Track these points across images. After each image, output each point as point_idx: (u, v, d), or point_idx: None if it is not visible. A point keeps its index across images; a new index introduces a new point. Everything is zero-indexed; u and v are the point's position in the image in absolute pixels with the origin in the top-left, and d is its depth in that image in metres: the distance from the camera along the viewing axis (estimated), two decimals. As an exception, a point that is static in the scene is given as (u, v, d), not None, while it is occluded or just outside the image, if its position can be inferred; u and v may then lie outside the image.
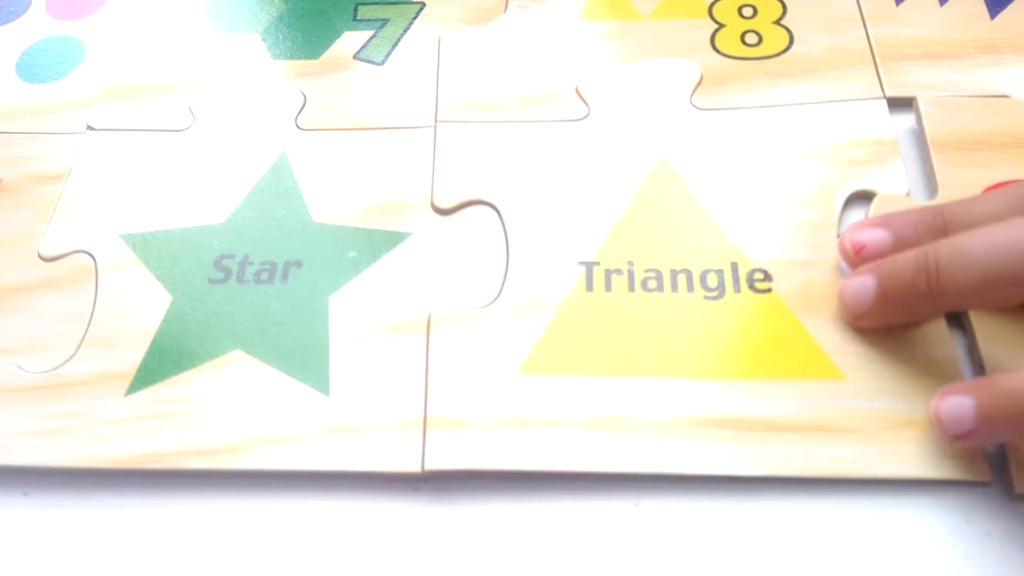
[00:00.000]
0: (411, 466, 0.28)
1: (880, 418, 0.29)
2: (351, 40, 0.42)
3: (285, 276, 0.34)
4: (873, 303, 0.29)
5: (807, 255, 0.33)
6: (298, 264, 0.34)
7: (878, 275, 0.29)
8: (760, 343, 0.31)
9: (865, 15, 0.40)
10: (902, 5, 0.40)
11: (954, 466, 0.28)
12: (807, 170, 0.35)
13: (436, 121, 0.38)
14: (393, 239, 0.34)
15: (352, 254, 0.34)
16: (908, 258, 0.29)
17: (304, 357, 0.31)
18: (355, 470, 0.29)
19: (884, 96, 0.37)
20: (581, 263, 0.33)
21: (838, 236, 0.33)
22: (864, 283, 0.29)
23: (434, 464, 0.28)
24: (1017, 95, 0.36)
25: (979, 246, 0.27)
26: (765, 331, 0.31)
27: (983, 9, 0.40)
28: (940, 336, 0.30)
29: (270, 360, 0.31)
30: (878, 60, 0.38)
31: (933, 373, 0.29)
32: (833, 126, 0.36)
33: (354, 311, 0.33)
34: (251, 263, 0.34)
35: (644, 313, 0.32)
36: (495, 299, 0.32)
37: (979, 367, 0.29)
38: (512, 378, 0.30)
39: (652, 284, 0.32)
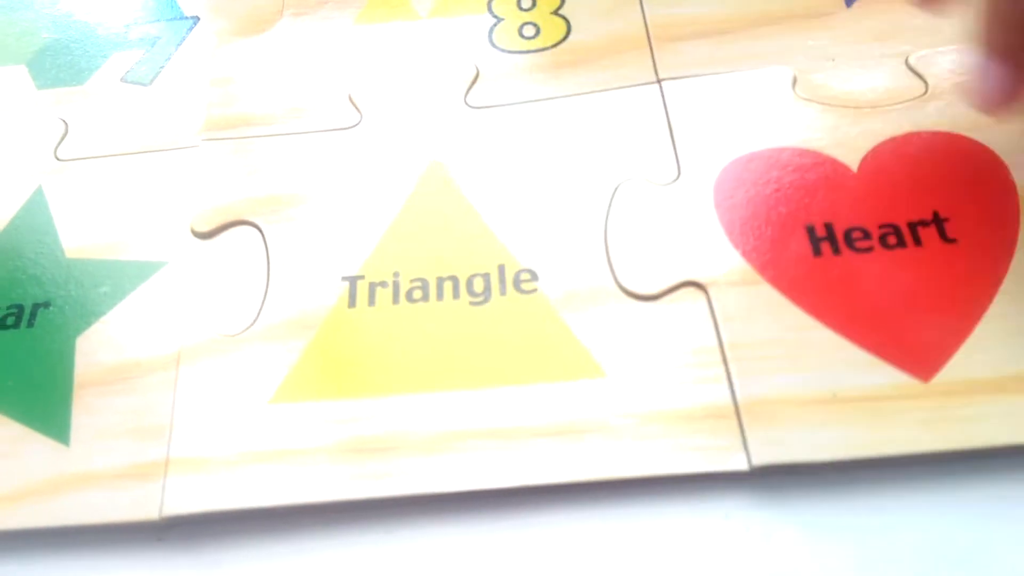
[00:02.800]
0: (149, 514, 0.26)
1: (638, 415, 0.28)
2: (120, 62, 0.40)
3: (32, 319, 0.31)
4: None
5: (573, 250, 0.32)
6: (47, 305, 0.32)
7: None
8: (523, 346, 0.29)
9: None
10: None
11: (710, 459, 0.27)
12: (579, 162, 0.34)
13: (200, 140, 0.36)
14: (146, 270, 0.32)
15: (104, 289, 0.32)
16: None
17: (45, 406, 0.29)
18: (92, 523, 0.27)
19: (658, 80, 0.36)
20: (344, 278, 0.32)
21: (606, 228, 0.32)
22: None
23: (172, 509, 0.27)
24: (798, 66, 0.36)
25: None
26: (529, 333, 0.30)
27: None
28: (700, 325, 0.29)
29: (9, 412, 0.29)
30: (653, 44, 0.37)
31: (692, 364, 0.28)
32: (607, 115, 0.35)
33: (102, 351, 0.30)
34: (-3, 309, 0.31)
35: (409, 326, 0.30)
36: (250, 325, 0.30)
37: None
38: (262, 409, 0.28)
39: (418, 294, 0.31)
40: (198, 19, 0.41)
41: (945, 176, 0.31)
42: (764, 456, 0.26)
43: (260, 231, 0.33)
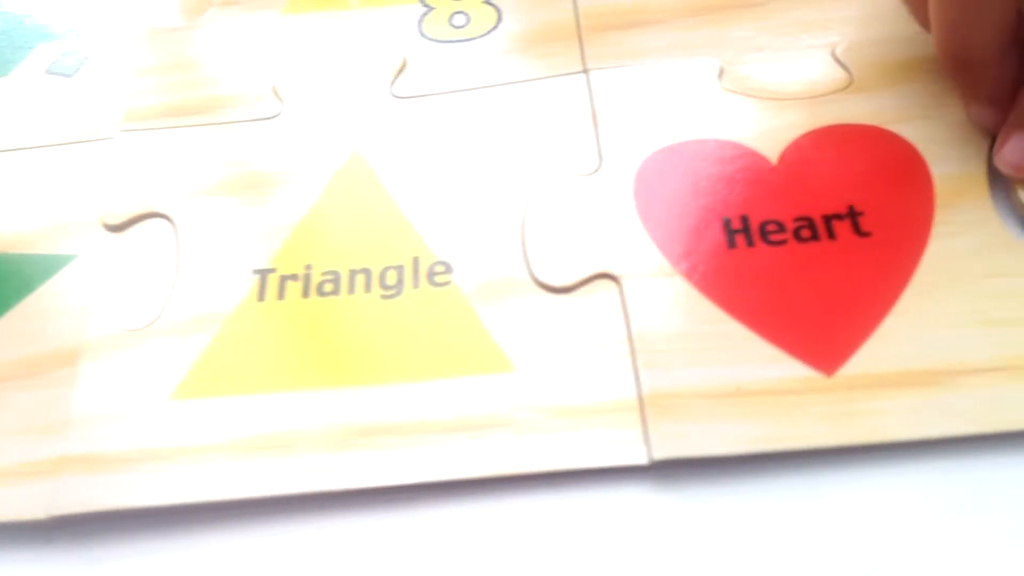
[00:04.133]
0: (35, 513, 0.26)
1: (544, 409, 0.27)
2: (45, 53, 0.39)
3: (-64, 320, 0.31)
4: None
5: (490, 242, 0.31)
6: (-49, 304, 0.31)
7: None
8: (432, 341, 0.29)
9: (575, -14, 0.39)
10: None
11: (611, 453, 0.27)
12: (502, 153, 0.34)
13: (118, 132, 0.35)
14: (55, 264, 0.32)
15: (11, 284, 0.31)
16: None
17: (-54, 404, 0.28)
18: (-17, 521, 0.26)
19: (585, 70, 0.36)
20: (255, 271, 0.31)
21: (524, 219, 0.31)
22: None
23: (61, 509, 0.26)
24: (725, 57, 0.36)
25: None
26: (439, 327, 0.29)
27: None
28: (611, 318, 0.29)
29: (-92, 408, 0.29)
30: (583, 33, 0.37)
31: (600, 357, 0.28)
32: (533, 105, 0.35)
33: (2, 347, 0.30)
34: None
35: (318, 320, 0.30)
36: (155, 320, 0.30)
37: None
38: (162, 405, 0.28)
39: (329, 288, 0.31)
40: (126, 9, 0.40)
41: (863, 170, 0.31)
42: (664, 450, 0.26)
43: (172, 224, 0.32)
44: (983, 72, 0.29)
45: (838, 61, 0.34)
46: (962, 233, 0.29)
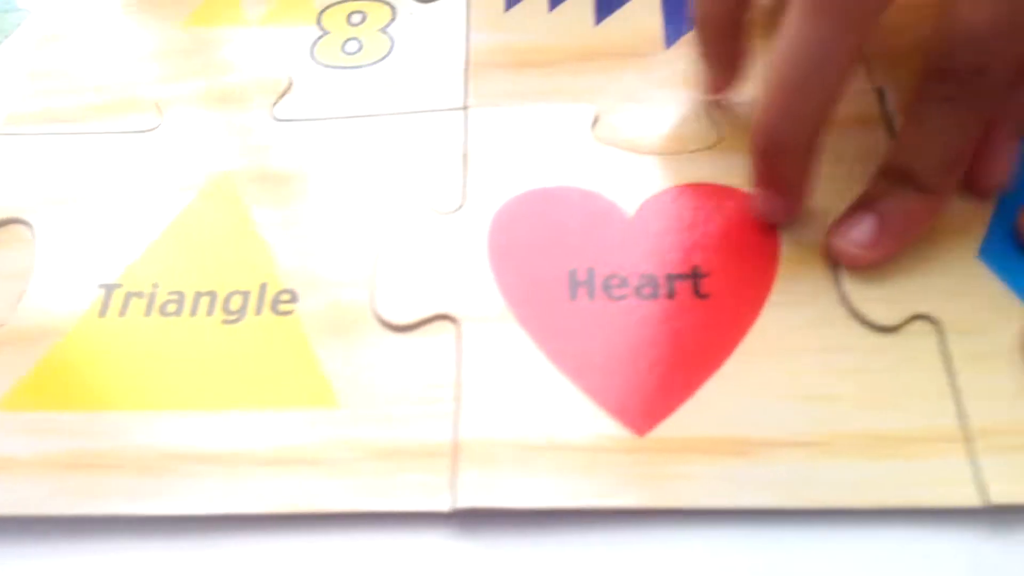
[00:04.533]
0: None
1: (360, 448, 0.27)
2: (-59, 46, 0.39)
3: None
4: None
5: (341, 273, 0.31)
6: None
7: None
8: (263, 370, 0.29)
9: (471, 21, 0.39)
10: (511, 10, 0.39)
11: (416, 498, 0.27)
12: (370, 184, 0.34)
13: (-5, 134, 0.36)
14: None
15: None
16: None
17: None
18: None
19: (465, 107, 0.36)
20: (102, 286, 0.31)
21: (378, 253, 0.31)
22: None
23: None
24: (603, 105, 0.36)
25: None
26: (272, 357, 0.30)
27: (590, 14, 0.39)
28: (444, 360, 0.29)
29: None
30: (471, 69, 0.37)
31: (426, 399, 0.29)
32: (408, 138, 0.35)
33: None
34: None
35: (155, 340, 0.30)
36: (1, 326, 0.30)
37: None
38: (-17, 415, 0.28)
39: (172, 308, 0.31)
40: (29, 12, 0.41)
41: (715, 231, 0.31)
42: (468, 499, 0.26)
43: (32, 231, 0.33)
44: (792, 160, 0.29)
45: (711, 118, 0.34)
46: (798, 304, 0.30)
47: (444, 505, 0.26)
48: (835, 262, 0.30)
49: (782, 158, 0.28)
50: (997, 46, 0.26)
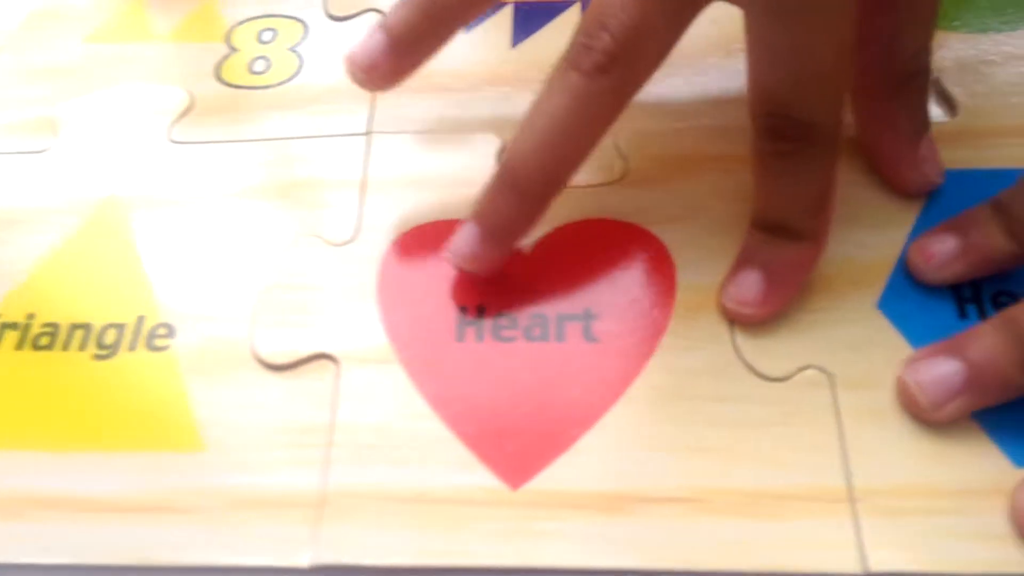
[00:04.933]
0: None
1: (221, 495, 0.26)
2: None
3: None
4: (962, 390, 0.26)
5: (222, 307, 0.30)
6: None
7: (963, 357, 0.26)
8: (131, 409, 0.28)
9: (385, 42, 0.37)
10: (426, 32, 0.38)
11: (276, 552, 0.26)
12: (263, 212, 0.33)
13: None
14: None
15: None
16: (998, 338, 0.25)
17: None
18: None
19: (368, 132, 0.35)
20: (-23, 316, 0.30)
21: (262, 286, 0.30)
22: (948, 369, 0.26)
23: None
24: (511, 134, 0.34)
25: None
26: (141, 395, 0.28)
27: (507, 36, 0.38)
28: (319, 403, 0.28)
29: None
30: (379, 96, 0.36)
31: (297, 444, 0.28)
32: (307, 163, 0.34)
33: None
34: None
35: (23, 376, 0.29)
36: None
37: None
38: None
39: (45, 341, 0.30)
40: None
41: (611, 270, 0.30)
42: (327, 556, 0.25)
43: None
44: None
45: (618, 150, 0.33)
46: (691, 349, 0.28)
47: (303, 560, 0.25)
48: (730, 322, 0.28)
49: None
50: (811, 100, 0.25)
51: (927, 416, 0.26)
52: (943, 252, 0.28)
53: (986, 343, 0.25)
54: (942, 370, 0.25)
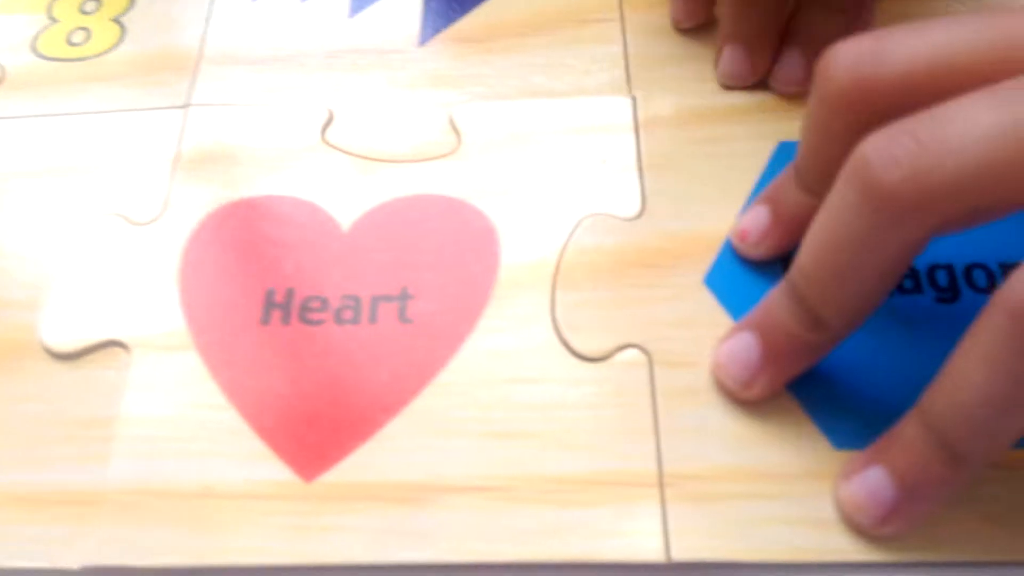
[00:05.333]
0: None
1: (-12, 495, 0.24)
2: None
3: None
4: (761, 363, 0.24)
5: (7, 292, 0.28)
6: None
7: (754, 327, 0.24)
8: None
9: (214, 10, 0.35)
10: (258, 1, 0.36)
11: (47, 553, 0.24)
12: (65, 190, 0.31)
13: None
14: None
15: None
16: (780, 298, 0.23)
17: None
18: None
19: (186, 105, 0.32)
20: None
21: (61, 270, 0.28)
22: (744, 343, 0.24)
23: None
24: (340, 106, 0.33)
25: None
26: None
27: (346, 5, 0.35)
28: (106, 394, 0.26)
29: None
30: (202, 65, 0.34)
31: (75, 439, 0.26)
32: (118, 138, 0.32)
33: None
34: None
35: None
36: None
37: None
38: None
39: None
40: None
41: (432, 247, 0.28)
42: (98, 557, 0.23)
43: None
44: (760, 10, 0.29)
45: (451, 123, 0.31)
46: (509, 330, 0.27)
47: (73, 563, 0.23)
48: None
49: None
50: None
51: (740, 396, 0.24)
52: (756, 227, 0.26)
53: (769, 305, 0.24)
54: (739, 345, 0.24)
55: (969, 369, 0.19)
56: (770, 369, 0.24)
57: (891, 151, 0.19)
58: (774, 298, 0.23)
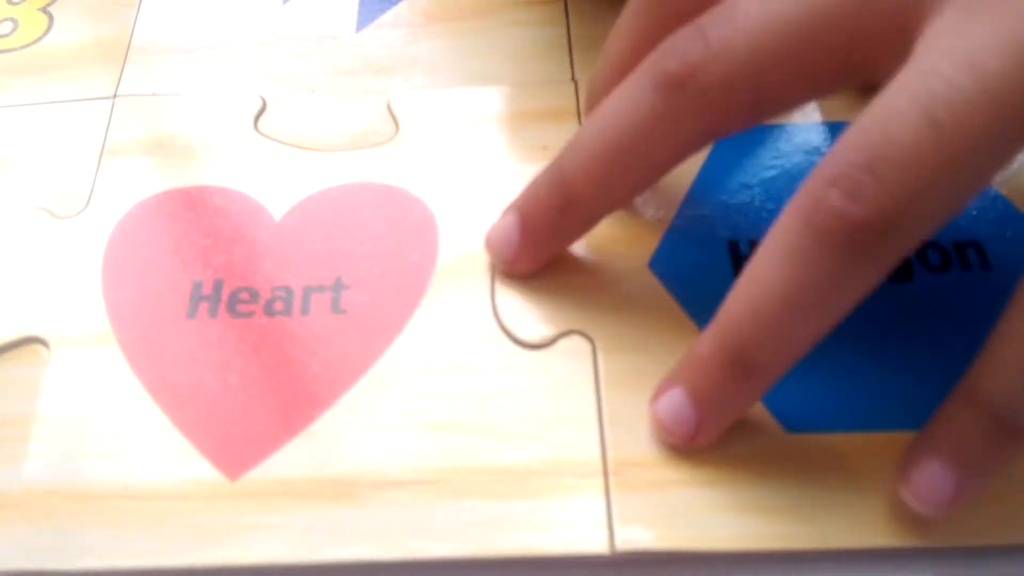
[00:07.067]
0: None
1: None
2: None
3: None
4: (519, 239, 0.25)
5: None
6: None
7: (518, 207, 0.26)
8: None
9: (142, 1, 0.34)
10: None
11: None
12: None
13: None
14: None
15: None
16: (541, 178, 0.25)
17: None
18: None
19: (114, 95, 0.31)
20: None
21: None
22: (505, 223, 0.26)
23: None
24: (275, 94, 0.32)
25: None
26: None
27: (284, -6, 0.34)
28: (22, 397, 0.24)
29: None
30: (131, 55, 0.32)
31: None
32: (44, 130, 0.30)
33: None
34: None
35: None
36: None
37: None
38: None
39: None
40: None
41: (368, 237, 0.27)
42: (8, 561, 0.22)
43: None
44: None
45: (389, 111, 0.30)
46: (447, 318, 0.26)
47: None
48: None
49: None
50: None
51: (508, 272, 0.27)
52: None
53: (536, 187, 0.26)
54: (502, 224, 0.26)
55: (765, 273, 0.20)
56: (529, 248, 0.25)
57: (683, 47, 0.21)
58: (542, 180, 0.25)
